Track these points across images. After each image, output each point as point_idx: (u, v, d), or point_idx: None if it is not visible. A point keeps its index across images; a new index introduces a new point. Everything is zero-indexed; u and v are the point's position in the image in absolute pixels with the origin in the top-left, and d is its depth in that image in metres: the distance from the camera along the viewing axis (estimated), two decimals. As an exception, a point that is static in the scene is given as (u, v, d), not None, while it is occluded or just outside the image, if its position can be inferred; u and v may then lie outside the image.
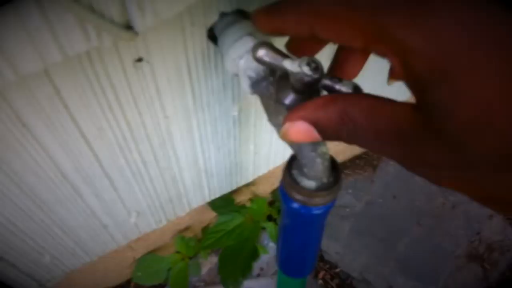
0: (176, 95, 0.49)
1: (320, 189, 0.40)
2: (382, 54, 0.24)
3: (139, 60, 0.42)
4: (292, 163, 0.42)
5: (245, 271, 0.89)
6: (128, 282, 1.18)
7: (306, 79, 0.30)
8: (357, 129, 0.26)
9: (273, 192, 1.12)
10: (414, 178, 1.31)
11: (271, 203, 1.12)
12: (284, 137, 0.30)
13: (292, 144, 0.39)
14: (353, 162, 1.33)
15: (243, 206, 0.86)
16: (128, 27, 0.33)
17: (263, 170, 0.80)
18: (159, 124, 0.52)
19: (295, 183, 0.40)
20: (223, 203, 0.85)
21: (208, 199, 0.78)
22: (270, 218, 1.08)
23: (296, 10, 0.27)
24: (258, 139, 0.68)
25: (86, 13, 0.29)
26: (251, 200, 0.90)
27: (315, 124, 0.28)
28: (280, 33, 0.30)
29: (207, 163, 0.66)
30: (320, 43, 0.34)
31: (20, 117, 0.41)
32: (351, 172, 1.31)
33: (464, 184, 0.24)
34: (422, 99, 0.23)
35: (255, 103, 0.58)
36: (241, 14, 0.43)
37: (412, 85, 0.23)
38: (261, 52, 0.31)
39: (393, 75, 0.35)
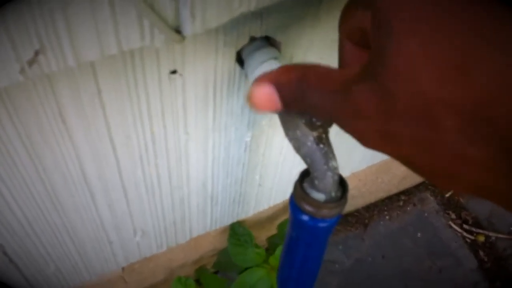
0: (199, 112, 0.53)
1: (328, 201, 0.44)
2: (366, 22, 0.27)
3: (174, 72, 0.47)
4: (303, 177, 0.46)
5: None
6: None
7: None
8: (310, 88, 0.30)
9: (269, 239, 1.14)
10: (404, 240, 1.34)
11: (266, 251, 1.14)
12: (249, 99, 0.34)
13: (306, 156, 0.43)
14: (345, 219, 1.36)
15: (261, 252, 0.87)
16: (177, 31, 0.38)
17: (263, 206, 0.84)
18: (179, 139, 0.56)
19: (306, 194, 0.44)
20: (243, 245, 0.86)
21: (209, 229, 0.81)
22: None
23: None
24: (264, 170, 0.72)
25: (148, 10, 0.34)
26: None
27: (277, 85, 0.32)
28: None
29: (215, 189, 0.69)
30: None
31: (62, 113, 0.45)
32: (342, 229, 1.34)
33: (388, 142, 0.26)
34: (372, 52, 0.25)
35: (267, 131, 0.63)
36: (267, 41, 0.49)
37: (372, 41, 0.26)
38: None
39: None
